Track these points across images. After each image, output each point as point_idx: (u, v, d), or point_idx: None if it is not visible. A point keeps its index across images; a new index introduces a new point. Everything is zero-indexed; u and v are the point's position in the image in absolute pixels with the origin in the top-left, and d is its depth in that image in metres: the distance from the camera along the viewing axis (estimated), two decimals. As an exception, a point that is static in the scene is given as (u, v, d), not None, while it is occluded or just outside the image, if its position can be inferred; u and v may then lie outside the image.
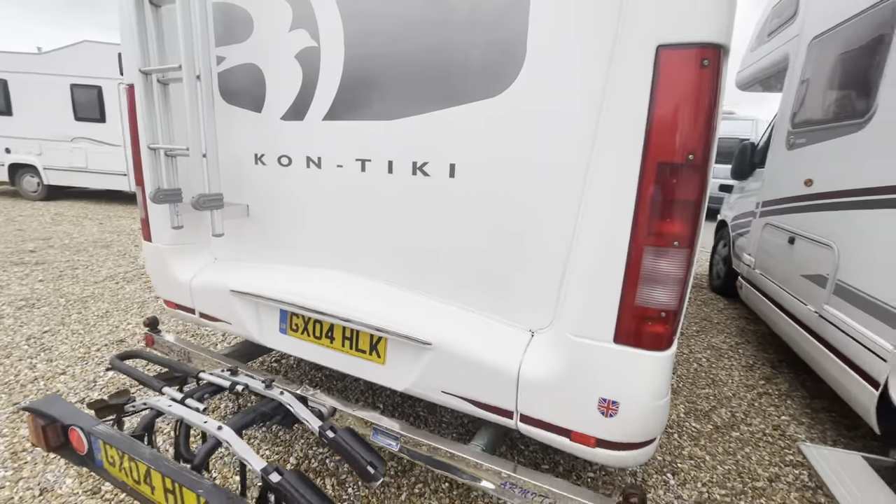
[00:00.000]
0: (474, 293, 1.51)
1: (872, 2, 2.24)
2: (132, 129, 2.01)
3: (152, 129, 1.82)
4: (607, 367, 1.18)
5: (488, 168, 1.39)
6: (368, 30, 1.52)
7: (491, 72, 1.33)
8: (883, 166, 2.00)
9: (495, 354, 1.37)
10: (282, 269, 1.91)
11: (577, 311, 1.22)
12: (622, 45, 1.07)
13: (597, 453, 1.28)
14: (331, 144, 1.69)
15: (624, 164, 1.08)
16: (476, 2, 1.32)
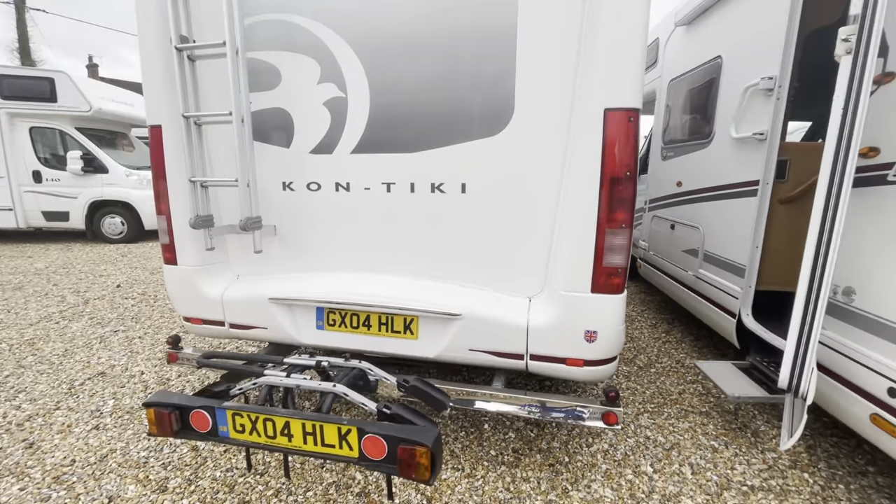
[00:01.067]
0: (484, 276, 2.07)
1: (705, 60, 3.29)
2: (159, 165, 2.23)
3: (191, 165, 2.10)
4: (588, 309, 1.82)
5: (491, 185, 1.98)
6: (390, 85, 2.02)
7: (490, 119, 1.93)
8: (722, 171, 2.99)
9: (508, 314, 1.94)
10: (315, 276, 2.28)
11: (565, 275, 1.85)
12: (582, 107, 1.74)
13: (583, 371, 1.91)
14: (359, 172, 2.14)
15: (589, 179, 1.74)
16: (477, 70, 1.90)
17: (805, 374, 1.70)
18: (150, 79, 2.16)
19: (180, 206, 2.24)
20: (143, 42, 2.14)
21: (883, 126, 1.72)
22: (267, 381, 1.70)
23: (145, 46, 2.13)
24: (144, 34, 2.12)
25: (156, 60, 2.13)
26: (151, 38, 2.11)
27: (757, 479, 2.07)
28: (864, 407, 1.76)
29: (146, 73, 2.17)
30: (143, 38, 2.13)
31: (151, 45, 2.12)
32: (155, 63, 2.13)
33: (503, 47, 1.85)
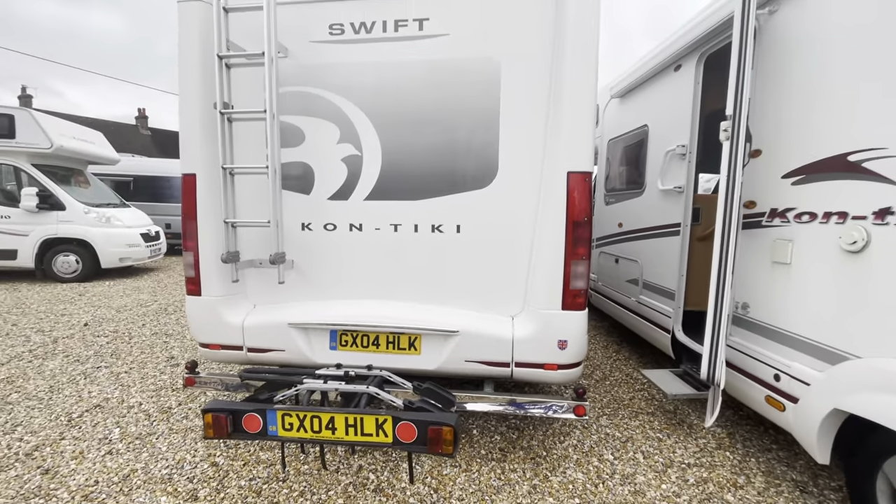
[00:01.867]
0: (475, 300, 2.54)
1: (635, 126, 4.11)
2: (191, 208, 2.55)
3: (226, 208, 2.45)
4: (560, 322, 2.33)
5: (481, 226, 2.49)
6: (400, 147, 2.52)
7: (479, 177, 2.46)
8: (653, 215, 3.72)
9: (496, 329, 2.41)
10: (329, 303, 2.64)
11: (541, 296, 2.36)
12: (550, 169, 2.32)
13: (557, 374, 2.40)
14: (370, 215, 2.58)
15: (557, 223, 2.30)
16: (469, 140, 2.45)
17: (718, 367, 2.29)
18: (189, 134, 2.53)
19: (208, 243, 2.57)
20: (185, 104, 2.52)
21: (756, 186, 2.44)
22: (309, 387, 2.03)
23: (187, 108, 2.51)
24: (187, 98, 2.51)
25: (195, 120, 2.52)
26: (194, 101, 2.50)
27: (692, 459, 2.60)
28: (760, 391, 2.37)
29: (185, 130, 2.54)
30: (186, 100, 2.51)
31: (193, 107, 2.50)
32: (194, 122, 2.51)
33: (489, 124, 2.43)
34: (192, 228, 2.57)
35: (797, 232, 2.18)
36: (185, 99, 2.52)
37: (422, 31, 2.44)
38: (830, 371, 1.95)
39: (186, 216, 2.58)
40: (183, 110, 2.53)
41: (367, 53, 2.49)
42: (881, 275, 1.77)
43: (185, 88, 2.52)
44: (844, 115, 1.95)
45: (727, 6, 2.66)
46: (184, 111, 2.53)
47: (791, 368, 2.16)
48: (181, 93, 2.53)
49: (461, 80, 2.43)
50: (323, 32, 2.52)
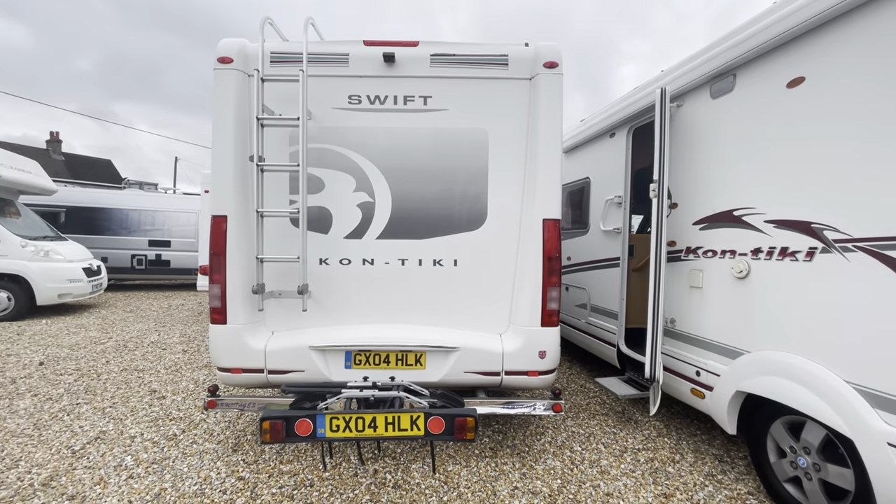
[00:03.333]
0: (469, 321, 3.08)
1: (580, 177, 4.99)
2: (220, 246, 2.88)
3: (258, 246, 2.83)
4: (540, 336, 2.93)
5: (474, 260, 3.07)
6: (407, 195, 3.06)
7: (472, 220, 3.07)
8: (597, 251, 4.54)
9: (489, 344, 2.96)
10: (344, 328, 3.04)
11: (525, 316, 2.95)
12: (529, 216, 2.98)
13: (538, 380, 2.97)
14: (381, 252, 3.06)
15: (536, 258, 2.94)
16: (464, 191, 3.06)
17: (657, 367, 3.00)
18: (222, 181, 2.89)
19: (236, 277, 2.90)
20: (219, 155, 2.89)
21: (675, 230, 3.27)
22: (349, 395, 2.42)
23: (221, 159, 2.89)
24: (221, 150, 2.89)
25: (228, 169, 2.90)
26: (228, 153, 2.89)
27: (640, 445, 3.27)
28: (686, 385, 3.11)
29: (218, 177, 2.90)
30: (220, 153, 2.89)
31: (227, 158, 2.89)
32: (227, 171, 2.89)
33: (480, 179, 3.06)
34: (221, 264, 2.89)
35: (705, 264, 3.01)
36: (220, 151, 2.90)
37: (426, 106, 3.05)
38: (732, 364, 2.72)
39: (215, 253, 2.89)
40: (217, 160, 2.90)
41: (381, 120, 3.05)
42: (757, 293, 2.59)
43: (220, 142, 2.90)
44: (730, 183, 2.82)
45: (649, 97, 3.60)
46: (218, 161, 2.90)
47: (707, 365, 2.93)
48: (215, 145, 2.91)
49: (458, 145, 3.06)
50: (343, 101, 3.05)
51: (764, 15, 2.60)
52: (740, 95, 2.76)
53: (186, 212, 11.97)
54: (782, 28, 2.40)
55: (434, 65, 3.04)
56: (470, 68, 3.04)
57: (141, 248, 11.65)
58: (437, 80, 3.05)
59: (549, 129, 2.95)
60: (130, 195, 12.19)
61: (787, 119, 2.43)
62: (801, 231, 2.32)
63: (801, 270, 2.31)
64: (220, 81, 2.92)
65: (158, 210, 11.93)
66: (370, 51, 3.05)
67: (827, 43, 2.22)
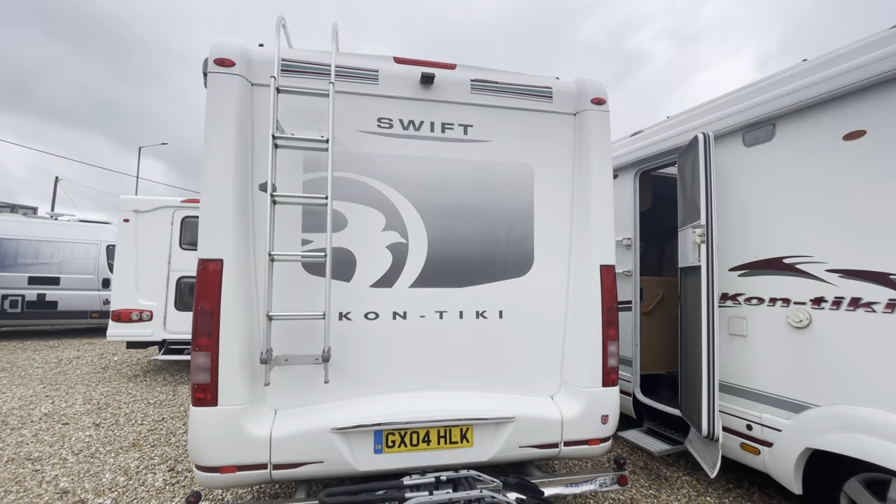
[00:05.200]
0: (518, 383, 2.65)
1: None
2: (213, 300, 2.17)
3: (269, 300, 2.17)
4: (602, 398, 2.58)
5: (521, 311, 2.67)
6: (445, 237, 2.61)
7: (518, 265, 2.69)
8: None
9: (547, 411, 2.54)
10: (371, 400, 2.43)
11: (585, 376, 2.60)
12: (581, 261, 2.69)
13: (599, 448, 2.60)
14: (415, 303, 2.55)
15: (594, 309, 2.63)
16: (509, 232, 2.70)
17: (716, 424, 2.80)
18: (219, 216, 2.22)
19: (232, 340, 2.19)
20: (216, 184, 2.23)
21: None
22: (418, 501, 1.82)
23: (218, 188, 2.23)
24: (219, 177, 2.24)
25: (227, 201, 2.24)
26: (227, 181, 2.25)
27: None
28: (735, 440, 2.95)
29: (213, 211, 2.23)
30: (217, 180, 2.24)
31: (226, 187, 2.24)
32: (226, 203, 2.23)
33: (526, 219, 2.72)
34: (212, 323, 2.17)
35: (748, 311, 2.93)
36: (215, 176, 2.24)
37: (466, 135, 2.69)
38: (797, 419, 2.60)
39: (204, 309, 2.17)
40: (210, 188, 2.23)
41: (415, 148, 2.61)
42: (824, 344, 2.52)
43: (216, 165, 2.24)
44: (775, 230, 2.79)
45: (662, 142, 3.60)
46: (212, 189, 2.23)
47: (762, 419, 2.79)
48: (209, 169, 2.24)
49: (501, 181, 2.71)
50: (371, 124, 2.57)
51: (807, 72, 2.67)
52: (782, 145, 2.79)
53: (84, 242, 10.01)
54: (837, 84, 2.46)
55: (475, 91, 2.70)
56: (512, 98, 2.75)
57: (16, 286, 9.40)
58: (478, 108, 2.71)
59: (601, 169, 2.73)
60: (2, 221, 9.92)
61: (845, 170, 2.46)
62: (876, 282, 2.29)
63: (882, 322, 2.27)
64: (218, 89, 2.29)
65: (44, 240, 9.81)
66: (403, 69, 2.63)
67: (889, 99, 2.28)
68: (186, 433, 4.20)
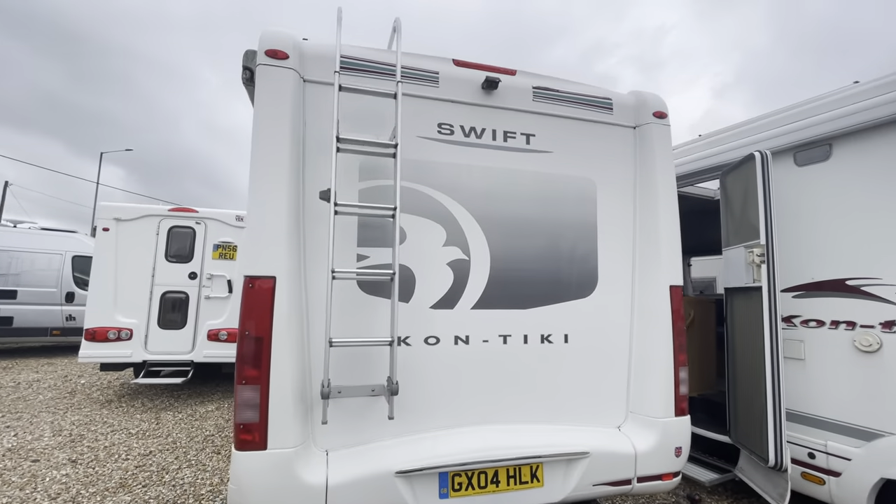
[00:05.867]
0: (584, 413, 2.43)
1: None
2: (263, 324, 1.86)
3: (329, 324, 1.89)
4: (676, 429, 2.40)
5: (587, 335, 2.48)
6: (508, 254, 2.40)
7: (582, 285, 2.51)
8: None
9: (621, 445, 2.33)
10: (433, 437, 2.15)
11: (657, 404, 2.41)
12: (648, 281, 2.53)
13: (671, 483, 2.41)
14: (478, 326, 2.31)
15: (664, 333, 2.46)
16: (572, 252, 2.51)
17: (785, 454, 2.67)
18: (272, 227, 1.94)
19: (285, 371, 1.89)
20: (267, 187, 1.96)
21: (756, 296, 3.11)
22: None
23: (269, 192, 1.96)
24: (272, 180, 1.96)
25: (280, 207, 1.96)
26: (281, 189, 1.98)
27: (749, 544, 2.85)
28: (796, 469, 2.82)
29: (262, 220, 1.94)
30: (269, 182, 1.96)
31: (280, 195, 1.97)
32: (281, 213, 1.96)
33: (589, 236, 2.56)
34: (261, 351, 1.86)
35: (806, 334, 2.84)
36: (267, 182, 1.96)
37: (529, 146, 2.51)
38: (869, 447, 2.50)
39: (252, 335, 1.86)
40: (260, 195, 1.95)
41: (476, 157, 2.41)
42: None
43: (267, 169, 1.97)
44: (835, 252, 2.73)
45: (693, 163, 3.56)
46: (262, 197, 1.95)
47: (827, 447, 2.68)
48: (261, 175, 1.96)
49: (564, 195, 2.54)
50: (431, 129, 2.36)
51: (867, 93, 2.65)
52: (841, 165, 2.75)
53: (46, 253, 9.18)
54: (904, 105, 2.44)
55: (537, 99, 2.54)
56: (573, 108, 2.61)
57: (-36, 300, 8.48)
58: (540, 116, 2.55)
59: (667, 185, 2.61)
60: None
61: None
62: (958, 306, 2.23)
63: (967, 347, 2.20)
64: (271, 83, 2.03)
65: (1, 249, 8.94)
66: (464, 73, 2.45)
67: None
68: (181, 469, 3.75)
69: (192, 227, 5.99)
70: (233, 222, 6.07)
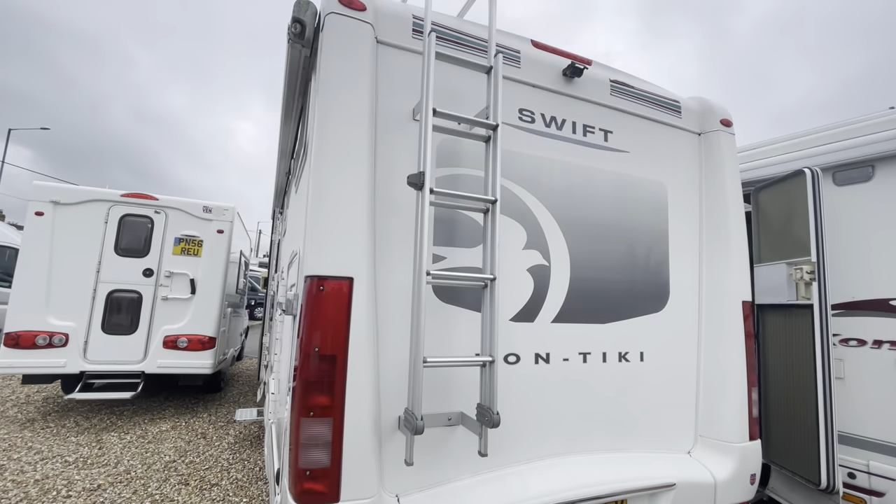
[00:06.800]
0: (656, 439, 2.22)
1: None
2: (338, 336, 1.45)
3: (418, 335, 1.52)
4: (751, 455, 2.24)
5: (660, 353, 2.28)
6: (587, 261, 2.15)
7: (656, 298, 2.31)
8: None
9: (701, 474, 2.14)
10: (515, 472, 1.83)
11: (733, 428, 2.24)
12: (718, 295, 2.38)
13: (742, 512, 2.25)
14: (558, 342, 2.03)
15: (737, 349, 2.31)
16: (647, 262, 2.31)
17: (837, 476, 2.61)
18: (348, 217, 1.54)
19: (362, 399, 1.49)
20: (341, 168, 1.57)
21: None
22: None
23: (345, 174, 1.56)
24: (347, 159, 1.57)
25: (363, 195, 1.57)
26: (362, 165, 1.58)
27: (790, 569, 2.76)
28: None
29: (337, 210, 1.54)
30: (343, 163, 1.57)
31: (360, 174, 1.57)
32: (361, 199, 1.56)
33: (661, 244, 2.37)
34: (335, 374, 1.44)
35: (846, 353, 2.84)
36: (343, 162, 1.56)
37: (606, 143, 2.29)
38: (915, 467, 2.50)
39: (323, 353, 1.44)
40: (333, 178, 1.55)
41: (557, 150, 2.15)
42: (947, 390, 2.47)
43: (345, 146, 1.57)
44: (878, 272, 2.76)
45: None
46: (338, 179, 1.55)
47: (869, 467, 2.66)
48: (326, 150, 1.57)
49: (640, 199, 2.34)
50: (512, 115, 2.06)
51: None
52: (884, 186, 2.80)
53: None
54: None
55: (614, 94, 2.34)
56: (646, 107, 2.44)
57: None
58: (617, 112, 2.34)
59: (736, 195, 2.49)
60: None
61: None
62: None
63: None
64: (347, 38, 1.65)
65: None
66: (544, 56, 2.19)
67: None
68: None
69: (150, 217, 5.17)
70: (199, 213, 5.32)
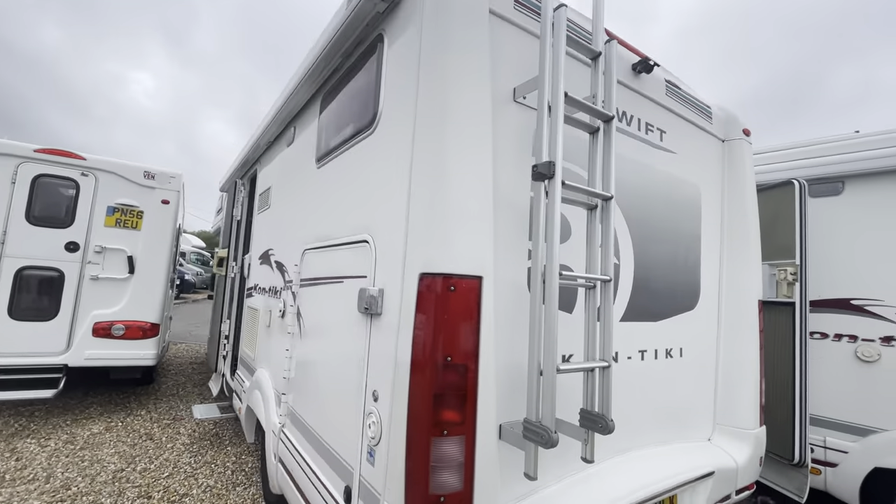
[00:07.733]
0: (684, 427, 2.35)
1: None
2: (466, 343, 1.29)
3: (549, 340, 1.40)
4: (762, 439, 2.47)
5: (694, 348, 2.40)
6: (647, 260, 2.17)
7: (690, 297, 2.41)
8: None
9: (725, 460, 2.31)
10: (591, 474, 1.80)
11: (749, 415, 2.44)
12: (738, 295, 2.56)
13: (750, 492, 2.48)
14: (624, 341, 2.04)
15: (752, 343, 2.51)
16: (686, 261, 2.40)
17: (806, 451, 2.99)
18: (476, 208, 1.36)
19: (490, 412, 1.34)
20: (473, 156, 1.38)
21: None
22: None
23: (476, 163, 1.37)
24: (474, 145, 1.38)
25: (488, 185, 1.40)
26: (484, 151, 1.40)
27: (758, 533, 3.15)
28: (796, 462, 3.22)
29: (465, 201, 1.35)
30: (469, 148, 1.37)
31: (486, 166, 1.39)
32: (487, 190, 1.40)
33: (695, 245, 2.48)
34: (468, 386, 1.28)
35: (810, 345, 3.25)
36: (467, 145, 1.36)
37: (661, 143, 2.31)
38: (864, 441, 2.96)
39: (453, 362, 1.26)
40: (458, 162, 1.35)
41: (626, 146, 2.13)
42: (893, 376, 2.93)
43: (469, 126, 1.37)
44: (841, 275, 3.18)
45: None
46: (462, 164, 1.35)
47: (826, 442, 3.10)
48: (454, 133, 1.35)
49: (681, 199, 2.42)
50: (591, 105, 1.97)
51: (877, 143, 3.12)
52: (851, 200, 3.20)
53: None
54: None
55: (668, 95, 2.36)
56: (689, 110, 2.51)
57: None
58: (669, 113, 2.38)
59: (753, 200, 2.68)
60: None
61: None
62: (947, 326, 2.77)
63: (954, 360, 2.74)
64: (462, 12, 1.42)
65: None
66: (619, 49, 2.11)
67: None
68: (106, 530, 2.60)
69: (75, 180, 4.26)
70: (139, 179, 4.50)
